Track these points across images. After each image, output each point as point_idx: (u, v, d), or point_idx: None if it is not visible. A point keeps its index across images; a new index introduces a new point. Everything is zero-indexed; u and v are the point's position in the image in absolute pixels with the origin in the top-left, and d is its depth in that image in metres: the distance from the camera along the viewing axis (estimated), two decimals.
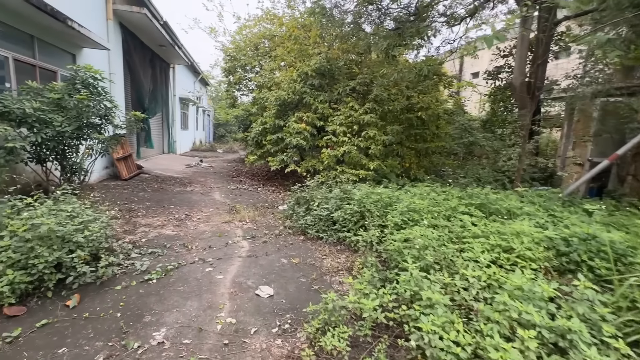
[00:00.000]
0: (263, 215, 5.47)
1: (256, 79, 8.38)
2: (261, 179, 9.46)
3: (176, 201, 6.25)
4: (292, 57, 8.10)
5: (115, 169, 8.23)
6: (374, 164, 6.40)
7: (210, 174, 10.06)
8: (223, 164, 13.12)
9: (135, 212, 5.32)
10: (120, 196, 6.29)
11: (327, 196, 4.66)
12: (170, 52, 12.08)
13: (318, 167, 6.99)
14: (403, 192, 4.76)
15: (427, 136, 7.71)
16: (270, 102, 7.49)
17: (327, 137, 6.79)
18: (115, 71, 8.32)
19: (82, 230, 2.96)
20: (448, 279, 2.34)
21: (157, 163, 11.37)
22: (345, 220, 4.11)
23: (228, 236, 4.42)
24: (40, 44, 5.58)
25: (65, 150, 4.79)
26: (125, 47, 9.29)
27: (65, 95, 4.41)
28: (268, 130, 7.84)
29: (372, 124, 6.69)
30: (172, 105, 14.64)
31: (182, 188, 7.58)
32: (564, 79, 7.90)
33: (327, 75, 7.57)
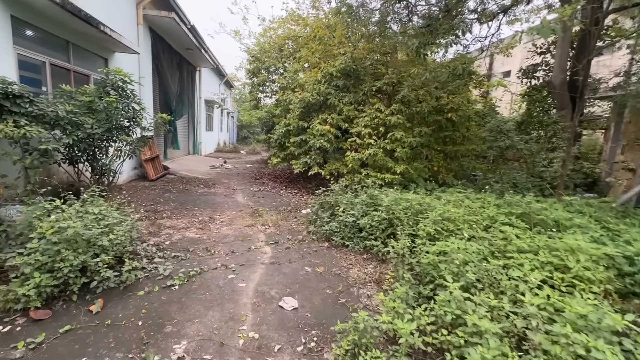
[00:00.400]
0: (286, 220, 5.35)
1: (280, 80, 8.32)
2: (283, 181, 9.40)
3: (200, 203, 6.27)
4: (316, 58, 7.97)
5: (143, 170, 8.44)
6: (400, 168, 6.12)
7: (233, 176, 10.13)
8: (246, 166, 13.22)
9: (161, 214, 5.36)
10: (146, 197, 6.40)
11: (353, 201, 4.45)
12: (197, 55, 12.34)
13: (342, 170, 6.80)
14: (434, 199, 4.47)
15: (457, 139, 7.32)
16: (294, 104, 7.39)
17: (351, 140, 6.58)
18: (144, 74, 8.55)
19: (107, 233, 2.94)
20: (494, 301, 2.07)
21: (183, 164, 11.61)
22: (373, 227, 3.89)
23: (251, 241, 4.32)
24: (75, 49, 5.77)
25: (96, 152, 4.89)
26: (154, 51, 9.55)
27: (95, 98, 4.50)
28: (291, 132, 7.75)
29: (399, 126, 6.42)
30: (198, 107, 14.96)
31: (206, 189, 7.64)
32: (612, 77, 7.24)
33: (352, 75, 7.37)
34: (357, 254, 3.88)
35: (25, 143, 3.99)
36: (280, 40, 9.70)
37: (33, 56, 4.77)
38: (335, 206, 4.53)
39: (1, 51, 4.17)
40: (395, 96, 7.02)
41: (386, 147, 6.18)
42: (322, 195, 5.07)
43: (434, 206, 3.87)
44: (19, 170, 3.97)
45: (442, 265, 2.57)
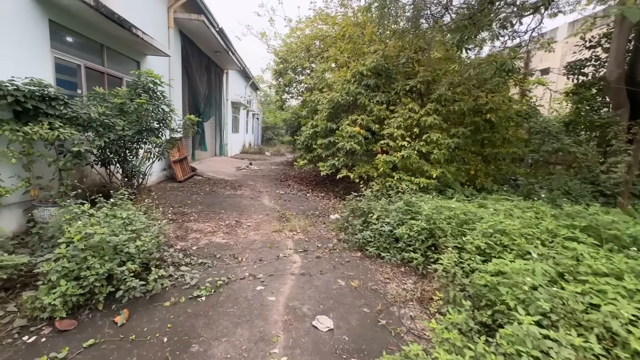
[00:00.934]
0: (314, 225, 5.11)
1: (307, 80, 8.13)
2: (309, 183, 9.19)
3: (227, 205, 6.18)
4: (345, 57, 7.70)
5: (171, 171, 8.54)
6: (436, 172, 5.71)
7: (259, 177, 10.06)
8: (271, 167, 13.17)
9: (188, 216, 5.29)
10: (174, 199, 6.40)
11: (387, 208, 4.13)
12: (225, 57, 12.45)
13: (372, 173, 6.47)
14: (477, 206, 4.05)
15: (497, 141, 6.77)
16: (322, 105, 7.16)
17: (383, 141, 6.24)
18: (174, 77, 8.66)
19: (134, 239, 2.82)
20: (577, 339, 1.70)
21: (210, 165, 11.72)
22: (411, 238, 3.55)
23: (279, 248, 4.11)
24: (109, 52, 5.87)
25: (127, 154, 4.90)
26: (184, 54, 9.68)
27: (127, 100, 4.49)
28: (319, 134, 7.52)
29: (435, 127, 6.01)
30: (225, 109, 15.14)
31: (233, 191, 7.57)
32: None
33: (383, 74, 7.04)
34: (393, 267, 3.56)
35: (60, 145, 4.03)
36: (308, 40, 9.53)
37: (69, 59, 4.85)
38: (369, 213, 4.23)
39: (39, 54, 4.25)
40: (430, 95, 6.62)
41: (421, 149, 5.78)
42: (353, 200, 4.78)
43: (480, 216, 3.48)
44: (53, 172, 4.01)
45: (503, 288, 2.21)
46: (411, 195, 4.48)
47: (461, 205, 3.77)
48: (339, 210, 6.12)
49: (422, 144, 5.83)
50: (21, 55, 3.98)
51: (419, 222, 3.53)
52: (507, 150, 6.81)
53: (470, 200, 4.98)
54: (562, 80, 13.19)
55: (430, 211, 3.60)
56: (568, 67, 9.59)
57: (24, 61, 4.02)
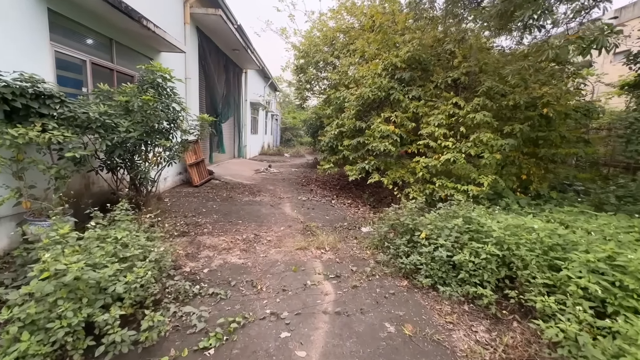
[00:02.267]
0: (344, 241, 4.38)
1: (332, 76, 7.42)
2: (333, 188, 8.47)
3: (244, 214, 5.56)
4: (374, 49, 6.93)
5: (187, 175, 8.06)
6: (487, 179, 4.84)
7: (279, 181, 9.44)
8: (291, 170, 12.56)
9: (201, 228, 4.70)
10: (188, 206, 5.86)
11: (438, 225, 3.34)
12: (243, 56, 11.96)
13: (408, 178, 5.67)
14: (559, 225, 3.19)
15: (555, 140, 5.79)
16: (349, 102, 6.42)
17: (421, 142, 5.42)
18: (191, 76, 8.18)
19: (126, 271, 2.20)
20: None
21: (228, 168, 11.25)
22: (477, 267, 2.75)
23: (305, 271, 3.41)
24: (119, 48, 5.40)
25: (134, 158, 4.37)
26: (201, 52, 9.22)
27: (133, 97, 3.94)
28: (345, 134, 6.79)
29: (485, 125, 5.13)
30: (243, 110, 14.69)
31: (251, 197, 6.96)
32: None
33: (419, 66, 6.21)
34: (454, 303, 2.77)
35: (60, 149, 3.50)
36: (332, 32, 8.81)
37: (72, 54, 4.37)
38: (415, 230, 3.45)
39: (36, 47, 3.76)
40: (475, 89, 5.74)
41: (469, 151, 4.92)
42: (392, 213, 4.00)
43: (574, 240, 2.63)
44: (49, 181, 3.50)
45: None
46: (462, 207, 3.65)
47: (542, 224, 2.91)
48: (370, 221, 5.37)
49: (469, 146, 4.97)
50: (15, 47, 3.50)
51: (487, 247, 2.72)
52: (568, 151, 5.83)
53: (534, 213, 4.10)
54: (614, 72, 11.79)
55: (501, 233, 2.78)
56: (631, 57, 8.35)
57: (18, 54, 3.53)
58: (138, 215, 4.12)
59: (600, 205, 4.89)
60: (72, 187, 4.26)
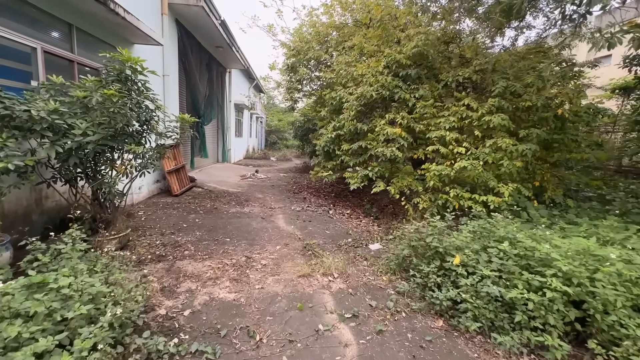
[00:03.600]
0: (353, 263, 3.73)
1: (327, 74, 6.81)
2: (328, 196, 7.82)
3: (232, 230, 4.82)
4: (373, 45, 6.37)
5: (166, 183, 7.21)
6: (508, 188, 4.33)
7: (268, 188, 8.70)
8: (279, 175, 11.83)
9: (182, 249, 3.94)
10: (167, 220, 5.05)
11: (472, 247, 2.75)
12: (228, 54, 11.19)
13: (416, 187, 5.10)
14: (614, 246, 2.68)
15: (570, 144, 5.41)
16: (349, 102, 5.81)
17: (432, 147, 4.87)
18: (169, 73, 7.36)
19: (65, 341, 1.46)
20: None
21: (211, 174, 10.40)
22: (540, 308, 2.17)
23: (313, 309, 2.74)
24: (81, 36, 4.56)
25: (97, 167, 3.56)
26: (181, 47, 8.40)
27: (93, 92, 3.15)
28: (343, 138, 6.18)
29: (501, 129, 4.64)
30: (228, 111, 13.85)
31: (239, 208, 6.21)
32: None
33: (424, 63, 5.70)
34: (511, 355, 2.18)
35: None
36: (325, 28, 8.21)
37: (17, 39, 3.53)
38: (446, 255, 2.84)
39: None
40: (486, 89, 5.28)
41: (487, 158, 4.40)
42: (413, 231, 3.39)
43: None
44: None
45: None
46: (498, 224, 3.08)
47: (620, 251, 2.36)
48: (377, 236, 4.75)
49: (487, 152, 4.45)
50: None
51: (552, 282, 2.15)
52: (582, 156, 5.45)
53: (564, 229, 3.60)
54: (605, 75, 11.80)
55: (566, 262, 2.21)
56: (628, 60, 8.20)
57: None
58: (100, 239, 3.33)
59: (623, 214, 4.48)
60: (17, 203, 3.42)
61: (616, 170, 8.86)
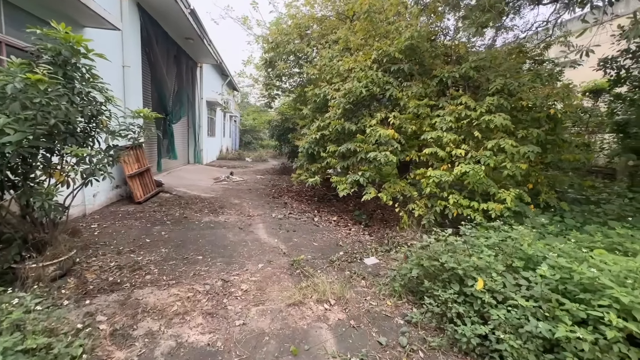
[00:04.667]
0: (350, 283, 3.22)
1: (310, 70, 6.27)
2: (311, 200, 7.28)
3: (206, 245, 4.15)
4: (360, 39, 5.92)
5: (127, 189, 6.33)
6: (510, 194, 4.02)
7: (244, 193, 8.01)
8: (256, 177, 11.11)
9: (142, 273, 3.24)
10: (126, 235, 4.28)
11: (496, 267, 2.33)
12: (198, 47, 10.33)
13: (410, 193, 4.69)
14: None
15: (562, 144, 5.26)
16: (336, 100, 5.31)
17: (429, 150, 4.47)
18: (130, 64, 6.48)
19: None
20: None
21: (181, 177, 9.51)
22: (594, 349, 1.77)
23: (311, 354, 2.19)
24: (11, 11, 3.71)
25: (26, 175, 2.78)
26: (145, 36, 7.50)
27: (14, 78, 2.39)
28: (329, 138, 5.67)
29: (501, 130, 4.34)
30: (199, 109, 12.92)
31: (213, 217, 5.51)
32: None
33: (416, 58, 5.32)
34: None
35: None
36: (306, 20, 7.66)
37: None
38: (467, 277, 2.40)
39: None
40: (480, 87, 5.00)
41: (488, 161, 4.06)
42: (421, 248, 2.93)
43: None
44: None
45: None
46: (522, 237, 2.70)
47: None
48: (372, 248, 4.28)
49: (488, 155, 4.11)
50: None
51: (612, 318, 1.75)
52: (574, 157, 5.33)
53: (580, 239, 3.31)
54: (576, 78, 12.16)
55: (623, 292, 1.82)
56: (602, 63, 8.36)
57: None
58: (32, 266, 2.59)
59: (622, 218, 4.33)
60: None
61: (588, 171, 9.07)
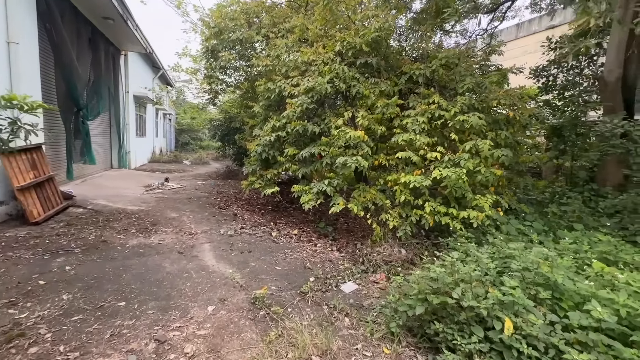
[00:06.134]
0: (333, 325, 2.55)
1: (261, 61, 5.43)
2: (264, 210, 6.43)
3: (131, 282, 3.10)
4: (318, 29, 5.30)
5: (18, 205, 4.78)
6: (487, 200, 3.77)
7: (184, 203, 6.81)
8: (197, 183, 9.79)
9: (23, 345, 2.14)
10: (6, 277, 3.00)
11: (523, 302, 1.89)
12: (122, 30, 8.69)
13: (382, 201, 4.20)
14: None
15: (522, 146, 5.35)
16: (297, 97, 4.59)
17: (404, 154, 4.02)
18: (18, 39, 4.92)
19: None
20: None
21: (101, 185, 7.83)
22: None
23: None
24: None
25: None
26: (44, 8, 5.87)
27: None
28: (287, 141, 4.93)
29: (475, 131, 4.09)
30: (125, 104, 11.04)
31: (143, 239, 4.37)
32: None
33: (382, 54, 4.89)
34: None
35: None
36: (255, 6, 6.76)
37: None
38: (494, 320, 1.90)
39: None
40: (446, 87, 4.76)
41: (467, 165, 3.75)
42: (423, 278, 2.39)
43: None
44: None
45: None
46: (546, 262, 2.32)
47: None
48: (343, 266, 3.68)
49: (466, 158, 3.81)
50: None
51: None
52: (529, 158, 5.48)
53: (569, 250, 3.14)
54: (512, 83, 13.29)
55: None
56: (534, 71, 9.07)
57: None
58: None
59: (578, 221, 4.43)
60: None
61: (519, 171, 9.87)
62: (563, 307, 1.91)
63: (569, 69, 8.50)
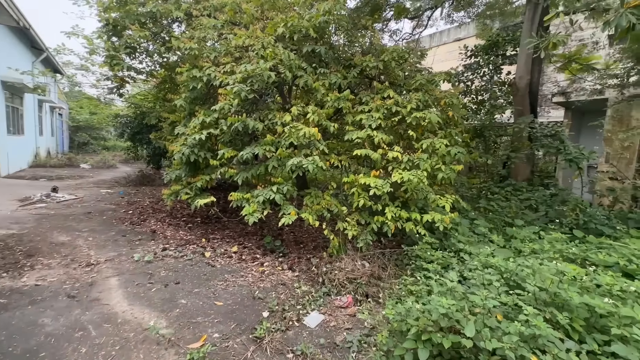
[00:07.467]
0: None
1: (184, 44, 4.38)
2: (192, 222, 5.35)
3: None
4: (254, 9, 4.53)
5: None
6: (447, 201, 3.59)
7: (80, 220, 5.25)
8: (100, 192, 7.93)
9: None
10: None
11: (551, 334, 1.57)
12: None
13: (338, 209, 3.70)
14: None
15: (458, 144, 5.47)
16: (233, 87, 3.76)
17: (362, 151, 3.57)
18: None
19: None
20: None
21: None
22: None
23: None
24: None
25: None
26: None
27: None
28: (221, 140, 4.06)
29: (429, 129, 3.90)
30: None
31: (9, 281, 3.02)
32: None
33: (328, 43, 4.39)
34: None
35: None
36: None
37: None
38: None
39: None
40: (394, 82, 4.53)
41: (426, 165, 3.49)
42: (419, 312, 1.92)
43: None
44: None
45: None
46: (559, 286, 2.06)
47: None
48: (300, 290, 3.06)
49: (425, 158, 3.55)
50: None
51: None
52: (474, 157, 5.67)
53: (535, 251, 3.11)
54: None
55: None
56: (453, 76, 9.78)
57: None
58: None
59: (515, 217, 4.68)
60: None
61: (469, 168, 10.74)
62: (576, 329, 1.66)
63: (482, 75, 9.39)
